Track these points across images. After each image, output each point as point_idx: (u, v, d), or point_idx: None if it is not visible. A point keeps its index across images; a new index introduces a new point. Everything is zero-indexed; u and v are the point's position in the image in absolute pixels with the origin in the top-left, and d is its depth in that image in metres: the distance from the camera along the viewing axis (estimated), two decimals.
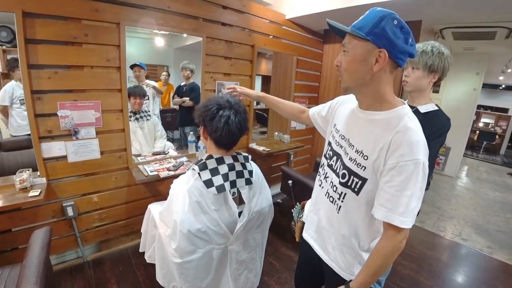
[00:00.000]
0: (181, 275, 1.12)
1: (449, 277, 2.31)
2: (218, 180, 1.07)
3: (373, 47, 0.76)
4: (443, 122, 1.27)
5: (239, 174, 1.14)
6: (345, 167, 0.89)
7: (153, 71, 3.37)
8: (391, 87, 0.83)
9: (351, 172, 0.87)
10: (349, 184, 0.88)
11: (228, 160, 1.13)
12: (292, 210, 1.34)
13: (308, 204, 1.19)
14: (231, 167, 1.12)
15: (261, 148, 2.87)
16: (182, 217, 1.02)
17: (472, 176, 5.50)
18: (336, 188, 0.93)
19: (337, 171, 0.93)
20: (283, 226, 2.80)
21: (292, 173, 2.51)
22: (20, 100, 2.36)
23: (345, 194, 0.90)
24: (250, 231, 1.23)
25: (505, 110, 8.81)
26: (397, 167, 0.75)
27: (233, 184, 1.11)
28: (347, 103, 1.01)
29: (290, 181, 2.45)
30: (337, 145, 0.96)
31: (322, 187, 1.02)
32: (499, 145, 8.44)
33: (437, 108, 1.31)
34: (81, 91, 1.80)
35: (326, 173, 1.00)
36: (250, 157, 1.23)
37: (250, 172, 1.18)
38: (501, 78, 6.83)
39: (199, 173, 1.06)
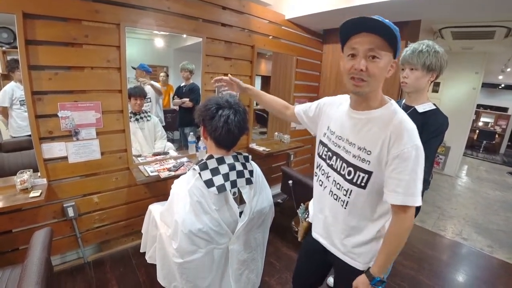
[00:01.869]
0: (182, 275, 1.13)
1: (449, 276, 2.31)
2: (218, 180, 1.07)
3: (391, 56, 0.85)
4: (441, 121, 1.28)
5: (240, 174, 1.14)
6: (349, 164, 0.95)
7: (153, 72, 3.37)
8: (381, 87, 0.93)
9: (357, 168, 0.92)
10: (354, 180, 0.94)
11: (229, 160, 1.13)
12: (297, 210, 1.35)
13: (311, 204, 1.23)
14: (232, 167, 1.12)
15: (261, 149, 2.87)
16: (183, 217, 1.02)
17: (472, 176, 5.50)
18: (341, 186, 0.99)
19: (340, 170, 0.99)
20: (283, 226, 2.80)
21: (292, 173, 2.51)
22: (20, 101, 2.36)
23: (351, 190, 0.95)
24: (251, 231, 1.23)
25: (505, 109, 8.82)
26: (400, 154, 0.83)
27: (233, 184, 1.11)
28: (335, 105, 1.09)
29: (290, 181, 2.46)
30: (335, 146, 1.01)
31: (325, 186, 1.06)
32: (499, 144, 8.45)
33: (434, 107, 1.32)
34: (81, 92, 1.81)
35: (328, 173, 1.05)
36: (250, 157, 1.23)
37: (251, 172, 1.18)
38: (500, 77, 6.84)
39: (199, 173, 1.06)
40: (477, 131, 8.51)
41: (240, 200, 1.17)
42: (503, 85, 8.61)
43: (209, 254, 1.12)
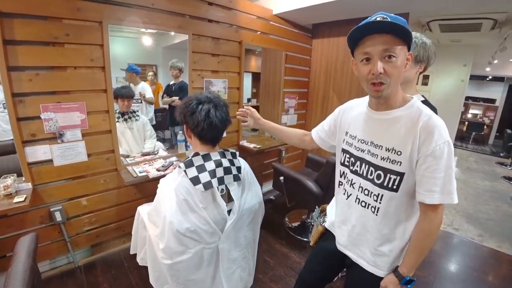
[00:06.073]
0: (172, 276, 1.11)
1: (442, 266, 2.34)
2: (205, 177, 1.05)
3: (406, 50, 0.81)
4: None
5: (227, 171, 1.12)
6: (378, 167, 0.91)
7: (141, 72, 3.32)
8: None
9: (387, 171, 0.89)
10: (385, 184, 0.89)
11: (215, 156, 1.11)
12: (312, 214, 1.32)
13: (331, 212, 1.19)
14: (218, 164, 1.10)
15: (252, 145, 2.86)
16: (170, 217, 1.00)
17: (462, 167, 5.58)
18: (369, 191, 0.95)
19: (367, 175, 0.95)
20: (276, 223, 2.80)
21: (283, 169, 2.50)
22: (3, 104, 2.29)
23: (382, 195, 0.91)
24: (241, 229, 1.22)
25: (493, 101, 8.97)
26: (433, 152, 0.80)
27: (221, 180, 1.09)
28: (350, 110, 1.06)
29: (281, 178, 2.45)
30: (358, 150, 0.97)
31: (350, 194, 1.02)
32: (487, 135, 8.60)
33: (423, 98, 1.31)
34: (64, 92, 1.76)
35: (352, 179, 1.01)
36: (237, 153, 1.22)
37: (238, 168, 1.16)
38: (487, 69, 6.95)
39: (185, 171, 1.05)
40: (466, 122, 8.63)
41: (228, 198, 1.15)
42: (490, 77, 8.74)
43: (198, 254, 1.10)
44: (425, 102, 1.30)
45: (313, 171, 2.87)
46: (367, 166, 0.94)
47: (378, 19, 0.78)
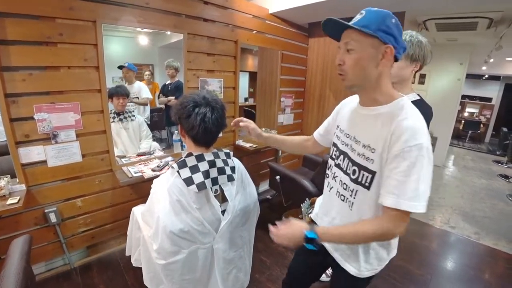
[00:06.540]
0: (167, 276, 1.10)
1: (438, 264, 2.35)
2: (198, 177, 1.04)
3: (379, 44, 0.79)
4: (425, 111, 1.26)
5: (221, 171, 1.11)
6: (354, 163, 0.91)
7: (138, 71, 3.30)
8: (389, 80, 0.87)
9: (361, 167, 0.88)
10: (359, 180, 0.89)
11: (209, 157, 1.10)
12: (301, 204, 1.33)
13: (318, 203, 1.20)
14: (212, 164, 1.09)
15: (248, 145, 2.85)
16: (163, 218, 1.00)
17: (459, 165, 5.61)
18: (347, 186, 0.95)
19: (346, 169, 0.95)
20: (273, 222, 2.78)
21: (280, 169, 2.50)
22: None
23: (357, 191, 0.91)
24: (236, 229, 1.21)
25: (489, 100, 9.02)
26: (401, 153, 0.76)
27: (214, 181, 1.09)
28: (345, 106, 1.07)
29: (277, 177, 2.45)
30: (343, 144, 0.98)
31: (332, 187, 1.04)
32: (484, 133, 8.65)
33: (418, 97, 1.31)
34: (58, 92, 1.74)
35: (335, 173, 1.02)
36: (231, 153, 1.21)
37: (232, 168, 1.16)
38: (484, 68, 6.97)
39: (178, 171, 1.04)
40: (463, 121, 8.68)
41: (222, 198, 1.15)
42: (486, 76, 8.78)
43: (193, 255, 1.09)
44: (420, 101, 1.30)
45: (310, 170, 2.86)
46: (347, 160, 0.95)
47: (357, 15, 0.83)
